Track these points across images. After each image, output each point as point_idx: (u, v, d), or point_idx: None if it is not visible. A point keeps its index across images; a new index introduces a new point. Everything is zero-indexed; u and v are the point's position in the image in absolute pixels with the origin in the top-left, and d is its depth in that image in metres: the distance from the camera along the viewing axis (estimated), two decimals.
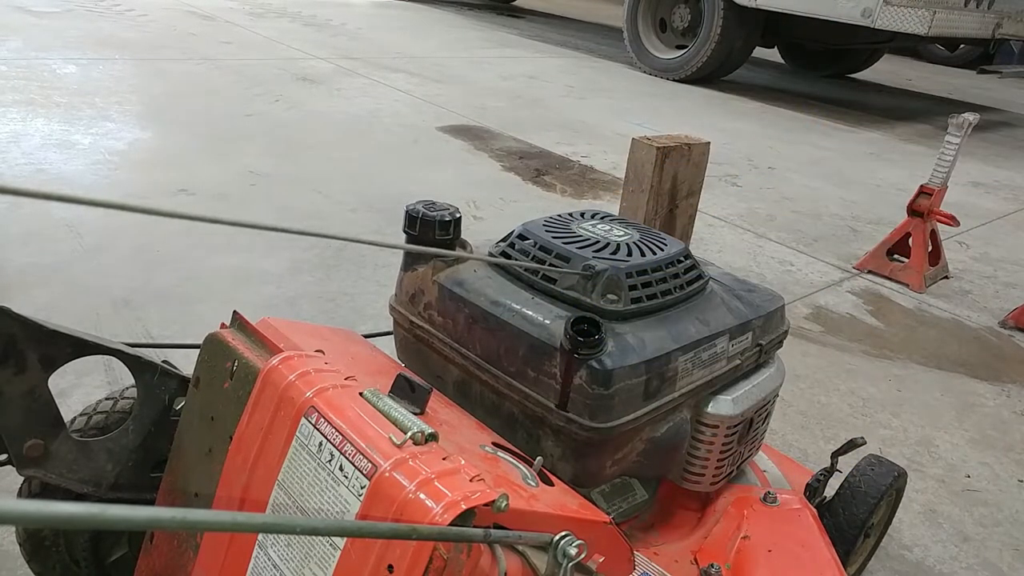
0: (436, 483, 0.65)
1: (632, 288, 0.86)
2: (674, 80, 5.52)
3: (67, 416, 0.86)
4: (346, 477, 0.70)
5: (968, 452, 1.69)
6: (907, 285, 2.58)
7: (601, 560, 0.74)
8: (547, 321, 0.84)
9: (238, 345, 0.79)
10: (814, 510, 1.00)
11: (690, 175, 1.65)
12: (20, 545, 0.92)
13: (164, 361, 0.88)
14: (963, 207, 3.50)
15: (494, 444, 0.79)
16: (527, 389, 0.84)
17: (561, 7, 8.70)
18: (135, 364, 0.85)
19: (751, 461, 1.09)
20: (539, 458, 0.79)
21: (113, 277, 1.94)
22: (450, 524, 0.62)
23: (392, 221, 2.52)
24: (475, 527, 0.63)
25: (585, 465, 0.83)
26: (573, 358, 0.78)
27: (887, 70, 6.95)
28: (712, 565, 0.88)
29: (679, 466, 0.94)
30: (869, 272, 2.67)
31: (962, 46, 7.56)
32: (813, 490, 1.09)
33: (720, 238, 2.81)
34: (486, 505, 0.64)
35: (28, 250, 2.01)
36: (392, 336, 1.03)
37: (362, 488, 0.68)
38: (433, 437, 0.70)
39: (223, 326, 0.83)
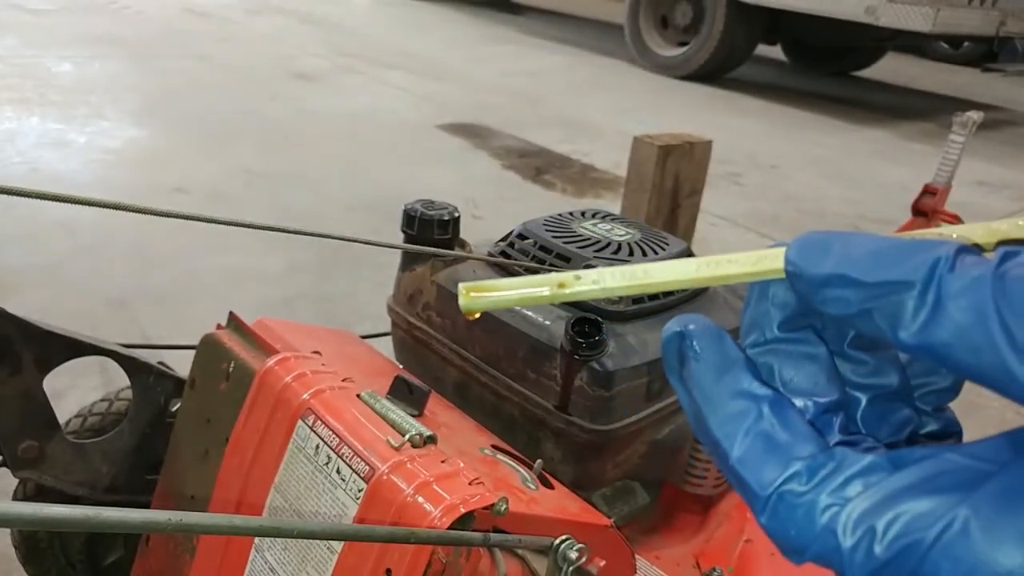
0: (435, 486, 0.64)
1: None
2: (676, 77, 5.50)
3: (62, 418, 0.85)
4: (343, 480, 0.69)
5: None
6: None
7: (602, 564, 0.73)
8: (547, 322, 0.83)
9: (234, 346, 0.78)
10: None
11: (692, 174, 1.64)
12: (15, 547, 0.91)
13: (159, 362, 0.87)
14: (968, 206, 3.47)
15: (493, 447, 0.79)
16: (527, 391, 0.83)
17: (561, 3, 8.68)
18: (130, 365, 0.84)
19: None
20: (539, 461, 0.79)
21: (108, 277, 1.92)
22: (449, 528, 0.61)
23: (390, 220, 2.50)
24: (474, 531, 0.63)
25: (586, 468, 0.83)
26: (574, 359, 0.78)
27: (891, 68, 6.93)
28: (715, 569, 0.87)
29: (681, 468, 0.93)
30: None
31: (966, 44, 7.53)
32: None
33: (723, 238, 2.79)
34: (485, 508, 0.63)
35: (22, 250, 2.00)
36: (390, 337, 1.02)
37: (359, 491, 0.67)
38: (432, 440, 0.70)
39: (219, 327, 0.82)
